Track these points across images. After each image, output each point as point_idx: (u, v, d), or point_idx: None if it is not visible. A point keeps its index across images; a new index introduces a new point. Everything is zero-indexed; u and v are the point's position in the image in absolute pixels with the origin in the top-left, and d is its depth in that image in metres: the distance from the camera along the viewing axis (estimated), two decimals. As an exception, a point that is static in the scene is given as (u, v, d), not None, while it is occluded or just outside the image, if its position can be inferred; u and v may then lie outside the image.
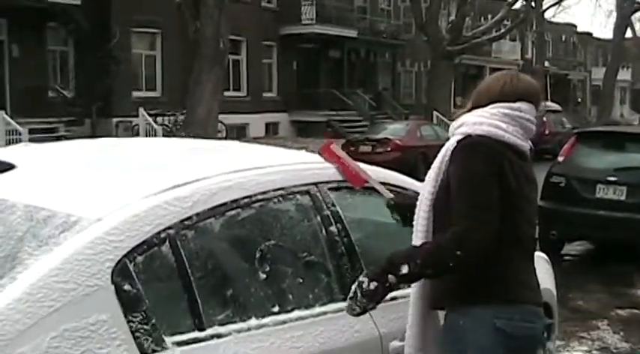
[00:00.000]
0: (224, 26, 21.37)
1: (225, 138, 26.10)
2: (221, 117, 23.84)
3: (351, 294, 2.88)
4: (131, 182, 2.95)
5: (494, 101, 3.13)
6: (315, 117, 36.08)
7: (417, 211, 3.14)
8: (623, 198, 10.55)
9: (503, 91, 3.16)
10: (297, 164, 3.51)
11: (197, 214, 2.82)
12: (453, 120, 3.23)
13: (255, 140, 27.70)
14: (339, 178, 3.53)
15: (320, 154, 3.63)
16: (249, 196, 3.04)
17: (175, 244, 2.71)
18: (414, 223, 3.14)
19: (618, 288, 9.54)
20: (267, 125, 35.33)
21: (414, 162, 21.63)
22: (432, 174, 3.10)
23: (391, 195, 3.55)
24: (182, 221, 2.76)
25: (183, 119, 23.17)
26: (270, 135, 34.28)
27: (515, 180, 3.01)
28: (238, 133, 30.96)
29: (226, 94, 26.96)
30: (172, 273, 2.71)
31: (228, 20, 21.93)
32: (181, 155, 3.68)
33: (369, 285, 2.83)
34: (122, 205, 2.69)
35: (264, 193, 3.11)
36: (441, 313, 3.15)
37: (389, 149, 23.23)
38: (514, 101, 3.12)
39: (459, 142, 3.03)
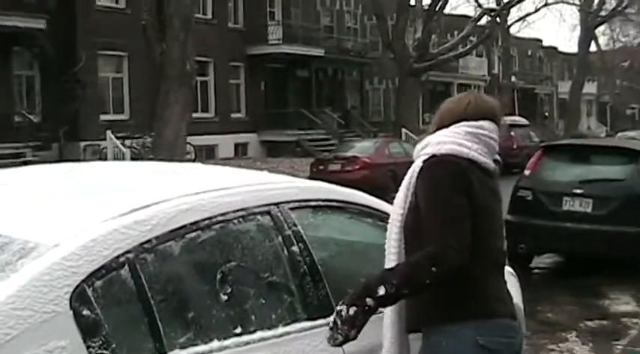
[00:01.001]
0: (190, 48, 21.35)
1: (195, 160, 26.07)
2: (189, 138, 23.79)
3: (330, 324, 2.85)
4: (89, 207, 2.94)
5: (457, 121, 3.15)
6: (284, 136, 36.14)
7: (388, 233, 3.14)
8: (589, 210, 10.65)
9: (467, 111, 3.19)
10: (258, 185, 3.51)
11: (156, 238, 2.81)
12: (420, 140, 3.26)
13: (225, 161, 27.69)
14: (301, 197, 3.53)
15: None
16: (209, 218, 3.03)
17: (135, 268, 2.69)
18: (386, 245, 3.14)
19: (587, 299, 9.61)
20: (237, 146, 35.32)
21: (383, 179, 21.69)
22: (400, 196, 3.13)
23: None
24: (141, 245, 2.75)
25: (152, 142, 23.09)
26: (240, 155, 34.27)
27: (482, 195, 3.03)
28: (207, 155, 30.94)
29: (194, 115, 26.92)
30: (132, 297, 2.69)
31: (195, 41, 21.92)
32: (142, 178, 3.67)
33: (347, 311, 2.81)
34: (80, 230, 2.67)
35: (224, 214, 3.10)
36: (417, 336, 3.13)
37: (358, 167, 23.29)
38: (477, 120, 3.16)
39: (424, 162, 3.07)
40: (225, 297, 3.00)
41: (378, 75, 47.20)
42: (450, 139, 3.09)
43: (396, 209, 3.14)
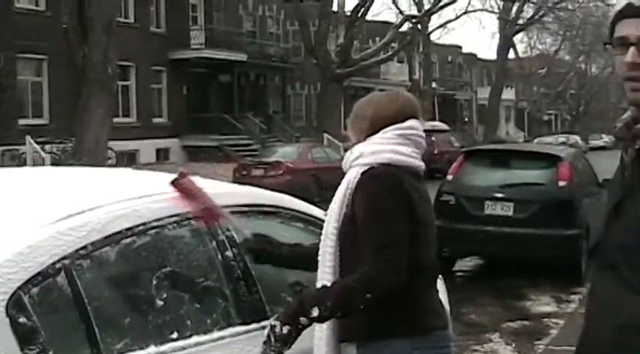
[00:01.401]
0: (112, 52, 21.13)
1: (116, 165, 25.73)
2: (110, 143, 23.54)
3: (264, 338, 2.90)
4: (23, 213, 2.91)
5: (387, 125, 3.07)
6: (206, 141, 35.98)
7: (321, 246, 3.09)
8: (510, 214, 10.89)
9: (397, 113, 3.11)
10: (191, 190, 3.51)
11: (92, 244, 2.80)
12: (347, 144, 3.22)
13: (146, 167, 27.42)
14: (235, 203, 3.55)
15: (172, 186, 3.28)
16: (144, 224, 3.03)
17: (71, 274, 2.68)
18: (320, 257, 3.09)
19: (509, 301, 9.83)
20: (158, 151, 35.03)
21: (306, 184, 21.76)
22: (334, 207, 3.05)
23: (247, 234, 3.39)
24: (77, 251, 2.73)
25: (72, 147, 22.76)
26: (162, 161, 33.99)
27: (420, 207, 3.01)
28: (128, 160, 30.56)
29: (115, 120, 26.62)
30: (69, 303, 2.67)
31: (117, 45, 21.70)
32: (74, 184, 3.64)
33: (281, 329, 2.86)
34: (15, 236, 2.65)
35: (158, 220, 3.10)
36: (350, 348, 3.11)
37: (281, 172, 23.33)
38: (404, 120, 3.10)
39: (363, 174, 2.99)
40: (161, 302, 2.99)
41: (300, 80, 47.35)
42: (385, 147, 3.02)
43: (330, 222, 3.07)
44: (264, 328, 3.28)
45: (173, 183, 3.27)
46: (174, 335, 2.97)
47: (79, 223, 2.81)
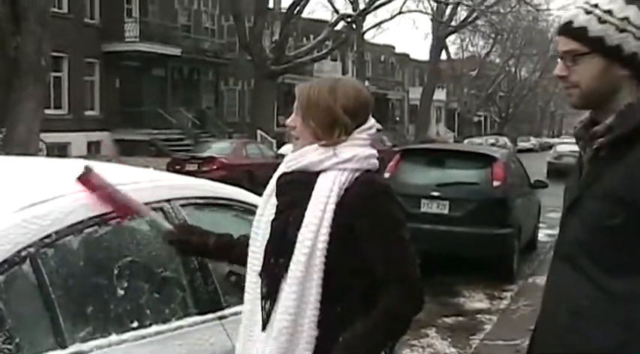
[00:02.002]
0: (46, 42, 20.81)
1: (47, 157, 25.36)
2: (42, 135, 23.19)
3: None
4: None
5: (360, 122, 2.75)
6: (138, 135, 35.71)
7: (292, 270, 2.63)
8: (446, 212, 11.08)
9: (365, 108, 2.80)
10: (149, 181, 3.54)
11: (56, 232, 2.82)
12: (292, 140, 2.80)
13: (85, 158, 27.07)
14: (190, 194, 3.59)
15: (79, 182, 3.05)
16: (105, 214, 3.06)
17: (36, 263, 2.71)
18: (288, 287, 2.64)
19: (444, 298, 10.00)
20: (90, 144, 34.63)
21: (240, 180, 21.64)
22: (310, 222, 2.61)
23: (169, 226, 3.17)
24: (42, 239, 2.76)
25: (2, 137, 22.35)
26: (93, 154, 33.58)
27: None
28: (59, 152, 30.16)
29: (47, 111, 26.15)
30: (34, 292, 2.69)
31: (50, 36, 21.38)
32: (34, 173, 3.64)
33: None
34: None
35: (118, 210, 3.14)
36: None
37: (215, 168, 23.32)
38: (368, 116, 2.80)
39: (357, 179, 2.65)
40: (122, 292, 3.03)
41: (234, 76, 47.26)
42: (370, 152, 2.73)
43: (306, 238, 2.61)
44: (220, 318, 3.35)
45: (79, 179, 3.04)
46: (135, 324, 3.02)
47: (44, 211, 2.83)
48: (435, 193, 11.17)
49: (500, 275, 11.07)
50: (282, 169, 2.86)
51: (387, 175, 11.82)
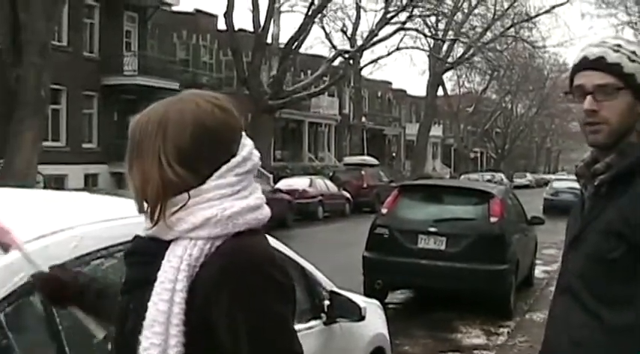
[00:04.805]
0: (46, 75, 20.96)
1: (44, 189, 25.39)
2: (39, 167, 23.24)
3: None
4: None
5: (226, 158, 1.95)
6: (135, 169, 35.65)
7: None
8: (443, 247, 11.12)
9: (233, 133, 1.99)
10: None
11: (64, 264, 2.86)
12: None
13: (91, 190, 27.10)
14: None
15: None
16: (113, 245, 3.10)
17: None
18: None
19: (440, 333, 10.02)
20: (87, 176, 34.62)
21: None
22: (155, 321, 1.84)
23: (41, 267, 2.52)
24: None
25: (1, 169, 22.42)
26: (90, 186, 33.58)
27: None
28: (57, 184, 30.17)
29: (45, 144, 26.28)
30: (41, 322, 2.73)
31: (50, 69, 21.53)
32: (38, 206, 3.68)
33: None
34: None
35: (123, 243, 3.17)
36: None
37: (213, 201, 23.25)
38: (239, 143, 2.00)
39: (221, 256, 1.85)
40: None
41: (232, 110, 47.35)
42: (241, 204, 1.92)
43: (153, 338, 1.84)
44: None
45: None
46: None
47: (50, 243, 2.87)
48: (433, 229, 11.22)
49: (498, 311, 11.09)
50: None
51: (384, 211, 11.91)
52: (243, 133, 2.03)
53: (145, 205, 1.95)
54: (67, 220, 3.11)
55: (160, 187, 1.89)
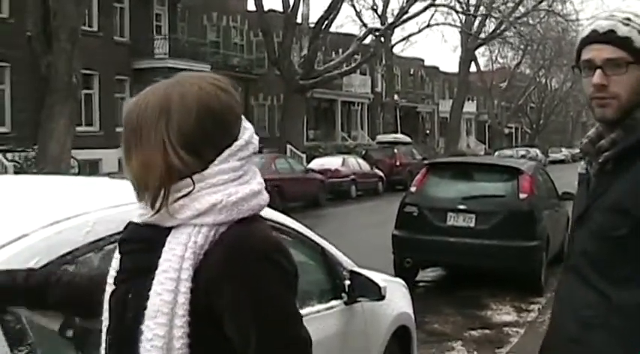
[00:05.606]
0: (77, 61, 21.10)
1: (78, 174, 25.64)
2: (73, 152, 23.45)
3: None
4: (10, 219, 3.00)
5: (227, 143, 1.94)
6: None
7: None
8: (472, 225, 11.08)
9: (235, 117, 1.99)
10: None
11: (77, 249, 2.90)
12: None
13: (109, 176, 27.33)
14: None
15: None
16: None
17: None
18: None
19: (470, 310, 10.01)
20: (120, 160, 34.81)
21: (269, 195, 21.75)
22: (160, 311, 1.82)
23: None
24: (62, 256, 2.83)
25: (35, 155, 22.67)
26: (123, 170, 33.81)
27: None
28: (91, 169, 30.46)
29: (78, 129, 26.48)
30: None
31: (80, 54, 21.67)
32: (53, 192, 3.73)
33: None
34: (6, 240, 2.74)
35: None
36: None
37: (245, 182, 23.32)
38: (239, 127, 1.99)
39: (227, 246, 1.84)
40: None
41: (264, 91, 47.46)
42: (245, 190, 1.92)
43: (159, 324, 1.82)
44: None
45: None
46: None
47: (64, 228, 2.91)
48: (462, 206, 11.19)
49: (528, 288, 11.04)
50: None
51: (413, 189, 11.89)
52: (243, 117, 2.02)
53: (146, 192, 1.89)
54: (81, 206, 3.15)
55: (164, 174, 1.84)
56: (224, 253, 1.82)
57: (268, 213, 3.92)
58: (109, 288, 2.03)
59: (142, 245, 1.97)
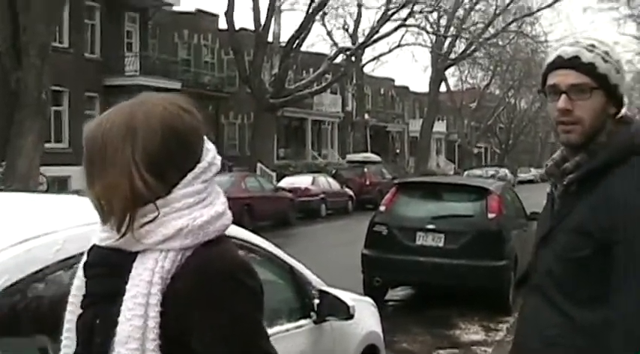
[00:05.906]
0: (46, 77, 21.01)
1: (47, 191, 25.46)
2: (42, 169, 23.30)
3: None
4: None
5: (191, 164, 1.93)
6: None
7: None
8: (441, 244, 11.14)
9: (198, 136, 1.98)
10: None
11: (47, 267, 2.90)
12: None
13: (79, 193, 27.13)
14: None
15: None
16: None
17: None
18: None
19: (439, 330, 10.05)
20: (89, 178, 34.60)
21: (239, 213, 21.77)
22: (131, 337, 1.79)
23: None
24: (34, 273, 2.83)
25: (3, 172, 22.49)
26: (93, 187, 33.57)
27: None
28: (60, 186, 30.23)
29: (47, 145, 26.31)
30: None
31: (50, 70, 21.58)
32: (23, 209, 3.72)
33: None
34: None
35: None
36: None
37: (214, 201, 23.28)
38: (202, 147, 1.99)
39: (194, 270, 1.82)
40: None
41: (234, 109, 47.40)
42: (210, 213, 1.91)
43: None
44: None
45: None
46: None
47: (32, 246, 2.91)
48: (431, 226, 11.25)
49: (496, 307, 11.10)
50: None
51: (382, 208, 11.94)
52: (205, 137, 2.01)
53: (112, 216, 1.86)
54: (51, 224, 3.15)
55: (129, 199, 1.81)
56: (191, 276, 1.81)
57: (237, 231, 3.94)
58: (71, 308, 2.03)
59: (107, 270, 1.94)
